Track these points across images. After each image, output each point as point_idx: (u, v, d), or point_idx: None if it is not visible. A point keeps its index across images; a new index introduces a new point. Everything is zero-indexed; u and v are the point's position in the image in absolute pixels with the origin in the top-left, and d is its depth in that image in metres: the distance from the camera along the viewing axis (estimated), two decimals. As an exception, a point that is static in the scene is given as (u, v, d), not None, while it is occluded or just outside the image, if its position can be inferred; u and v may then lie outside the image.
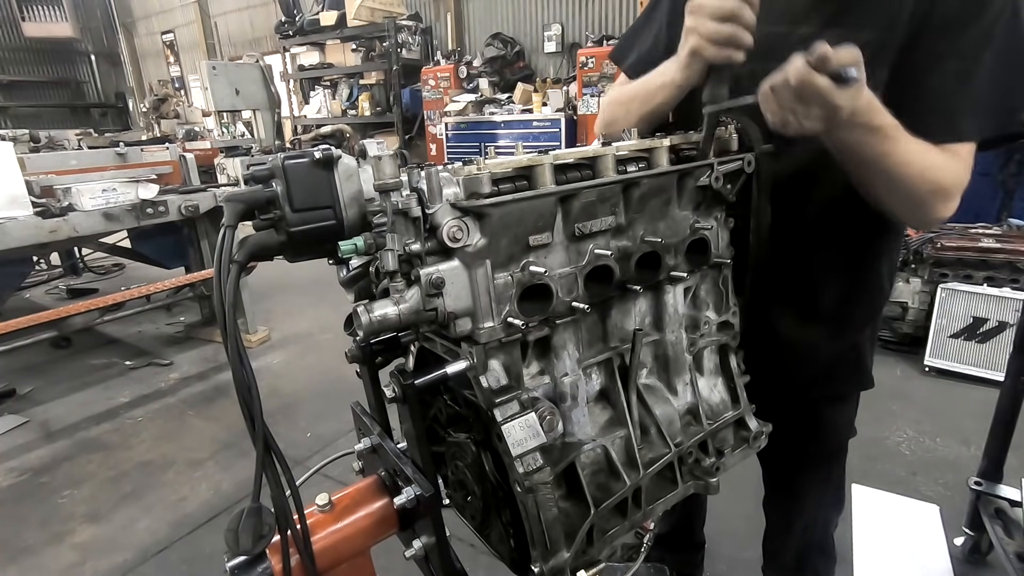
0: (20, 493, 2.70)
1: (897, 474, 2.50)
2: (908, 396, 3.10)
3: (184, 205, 3.66)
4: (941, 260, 3.33)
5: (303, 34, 9.50)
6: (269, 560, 0.76)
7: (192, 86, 12.76)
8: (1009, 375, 1.91)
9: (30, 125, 7.52)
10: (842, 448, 1.33)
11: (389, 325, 0.70)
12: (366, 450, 0.98)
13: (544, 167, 0.75)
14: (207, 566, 2.17)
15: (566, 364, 0.84)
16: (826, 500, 1.39)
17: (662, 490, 0.94)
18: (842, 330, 1.15)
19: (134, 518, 2.48)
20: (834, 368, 1.19)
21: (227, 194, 0.75)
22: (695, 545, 1.92)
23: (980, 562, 2.02)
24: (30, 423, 3.32)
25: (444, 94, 8.01)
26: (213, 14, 12.20)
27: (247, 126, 7.69)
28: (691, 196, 0.93)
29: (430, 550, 0.84)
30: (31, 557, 2.28)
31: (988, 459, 1.99)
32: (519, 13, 8.11)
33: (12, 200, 2.96)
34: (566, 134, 6.81)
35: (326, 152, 0.74)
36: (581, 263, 0.82)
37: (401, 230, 0.71)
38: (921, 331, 3.41)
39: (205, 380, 3.79)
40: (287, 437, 2.97)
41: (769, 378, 1.09)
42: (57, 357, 4.23)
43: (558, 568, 0.78)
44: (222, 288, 0.68)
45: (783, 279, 1.09)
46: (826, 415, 1.25)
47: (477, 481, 0.85)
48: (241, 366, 0.68)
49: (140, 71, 14.21)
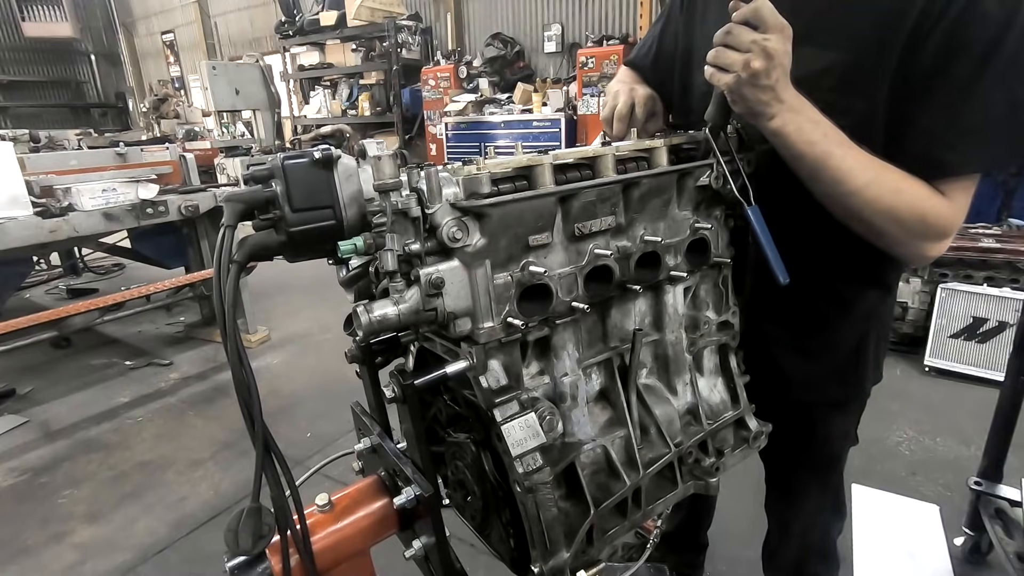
0: (20, 493, 2.70)
1: (897, 474, 2.50)
2: (908, 396, 3.10)
3: (184, 205, 3.66)
4: (941, 260, 3.32)
5: (303, 34, 9.50)
6: (269, 560, 0.76)
7: (192, 86, 12.75)
8: (1009, 375, 1.91)
9: (30, 125, 7.53)
10: (837, 456, 1.30)
11: (389, 325, 0.70)
12: (366, 450, 0.98)
13: (544, 167, 0.75)
14: (207, 566, 2.17)
15: (566, 364, 0.84)
16: (824, 506, 1.37)
17: (662, 490, 0.94)
18: (837, 334, 1.13)
19: (134, 518, 2.48)
20: (830, 373, 1.16)
21: (227, 194, 0.75)
22: (698, 546, 1.92)
23: (980, 562, 2.02)
24: (30, 423, 3.32)
25: (444, 94, 8.01)
26: (213, 14, 12.19)
27: (247, 126, 7.69)
28: (691, 196, 0.93)
29: (430, 550, 0.84)
30: (31, 557, 2.28)
31: (988, 459, 1.99)
32: (519, 13, 8.11)
33: (12, 200, 2.96)
34: (566, 134, 6.80)
35: (326, 152, 0.74)
36: (581, 263, 0.82)
37: (401, 230, 0.71)
38: (921, 331, 3.41)
39: (205, 380, 3.79)
40: (287, 437, 2.97)
41: (765, 379, 1.09)
42: (57, 357, 4.23)
43: (558, 568, 0.78)
44: (222, 288, 0.69)
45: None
46: (821, 421, 1.22)
47: (477, 481, 0.85)
48: (241, 366, 0.68)
49: (140, 71, 14.19)
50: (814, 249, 1.00)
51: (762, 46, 0.79)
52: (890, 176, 0.87)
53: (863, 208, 0.88)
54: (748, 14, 0.80)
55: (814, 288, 1.08)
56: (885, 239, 0.92)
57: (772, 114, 0.84)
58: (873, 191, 0.86)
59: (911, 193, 0.87)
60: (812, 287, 1.08)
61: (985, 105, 0.83)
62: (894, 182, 0.87)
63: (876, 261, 1.09)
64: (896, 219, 0.88)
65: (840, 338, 1.13)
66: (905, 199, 0.87)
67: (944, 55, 0.83)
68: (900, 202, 0.87)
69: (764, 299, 1.11)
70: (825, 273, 1.06)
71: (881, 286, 1.13)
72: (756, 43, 0.79)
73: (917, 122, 0.87)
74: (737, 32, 0.81)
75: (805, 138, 0.85)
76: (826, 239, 1.01)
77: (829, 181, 0.87)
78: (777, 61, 0.80)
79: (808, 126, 0.85)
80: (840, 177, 0.86)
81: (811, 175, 0.88)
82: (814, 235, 0.99)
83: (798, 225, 0.94)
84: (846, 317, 1.11)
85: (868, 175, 0.86)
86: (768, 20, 0.80)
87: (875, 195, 0.86)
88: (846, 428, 1.27)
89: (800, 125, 0.84)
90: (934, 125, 0.86)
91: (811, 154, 0.85)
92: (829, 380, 1.17)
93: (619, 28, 7.16)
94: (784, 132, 0.85)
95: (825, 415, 1.22)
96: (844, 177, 0.86)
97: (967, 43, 0.82)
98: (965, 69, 0.82)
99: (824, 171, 0.86)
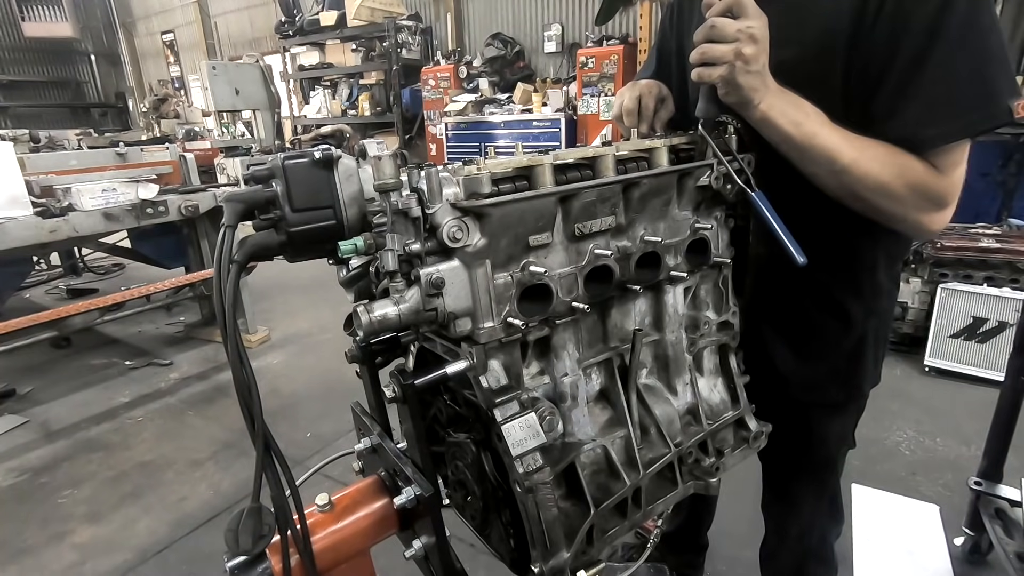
0: (20, 493, 2.70)
1: (897, 474, 2.50)
2: (908, 396, 3.10)
3: (184, 205, 3.66)
4: (941, 260, 3.32)
5: (303, 34, 9.49)
6: (269, 560, 0.76)
7: (192, 86, 12.74)
8: (1009, 375, 1.91)
9: (30, 125, 7.54)
10: (834, 459, 1.29)
11: (389, 325, 0.70)
12: (366, 450, 0.98)
13: (544, 167, 0.75)
14: (207, 566, 2.17)
15: (566, 364, 0.84)
16: (821, 509, 1.36)
17: (662, 490, 0.94)
18: (836, 335, 1.13)
19: (134, 518, 2.48)
20: (828, 375, 1.16)
21: (227, 194, 0.75)
22: (698, 547, 1.92)
23: (980, 562, 2.02)
24: (30, 423, 3.32)
25: (444, 94, 8.00)
26: (213, 14, 12.18)
27: (247, 126, 7.69)
28: (691, 196, 0.93)
29: (430, 550, 0.84)
30: (31, 557, 2.28)
31: (988, 459, 1.99)
32: (519, 13, 8.10)
33: (12, 200, 2.96)
34: (566, 134, 6.80)
35: (326, 152, 0.74)
36: (581, 263, 0.82)
37: (401, 230, 0.71)
38: (921, 331, 3.41)
39: (205, 380, 3.79)
40: (287, 437, 2.97)
41: (763, 380, 1.09)
42: (57, 357, 4.23)
43: (558, 568, 0.78)
44: (222, 288, 0.69)
45: (777, 280, 1.08)
46: (818, 423, 1.21)
47: (477, 481, 0.85)
48: (241, 366, 0.68)
49: (140, 71, 14.19)
50: (813, 251, 1.00)
51: (748, 32, 0.82)
52: (877, 150, 0.88)
53: (855, 184, 0.89)
54: (730, 4, 0.83)
55: (813, 289, 1.08)
56: (883, 214, 0.93)
57: (759, 99, 0.86)
58: (863, 166, 0.88)
59: (900, 164, 0.88)
60: (811, 288, 1.08)
61: (944, 77, 0.84)
62: (881, 156, 0.88)
63: (876, 262, 1.09)
64: (888, 192, 0.89)
65: (839, 339, 1.13)
66: (894, 171, 0.88)
67: (893, 40, 0.86)
68: (890, 174, 0.88)
69: (764, 300, 1.11)
70: (825, 275, 1.06)
71: (880, 287, 1.12)
72: (742, 31, 0.82)
73: (891, 107, 0.89)
74: (721, 24, 0.83)
75: (790, 119, 0.87)
76: (826, 240, 1.01)
77: (819, 160, 0.89)
78: (763, 46, 0.83)
79: (791, 108, 0.88)
80: (828, 155, 0.88)
81: (800, 156, 0.90)
82: (813, 236, 0.98)
83: (796, 228, 0.94)
84: (845, 319, 1.11)
85: (855, 151, 0.88)
86: (749, 8, 0.82)
87: (865, 170, 0.88)
88: (844, 430, 1.26)
89: (784, 108, 0.87)
90: (905, 106, 0.87)
91: (798, 135, 0.87)
92: (828, 381, 1.17)
93: (619, 28, 7.15)
94: (771, 115, 0.87)
95: (823, 417, 1.21)
96: (832, 155, 0.88)
97: (910, 23, 0.84)
98: (915, 47, 0.84)
99: (811, 150, 0.88)
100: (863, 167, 0.88)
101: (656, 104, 1.14)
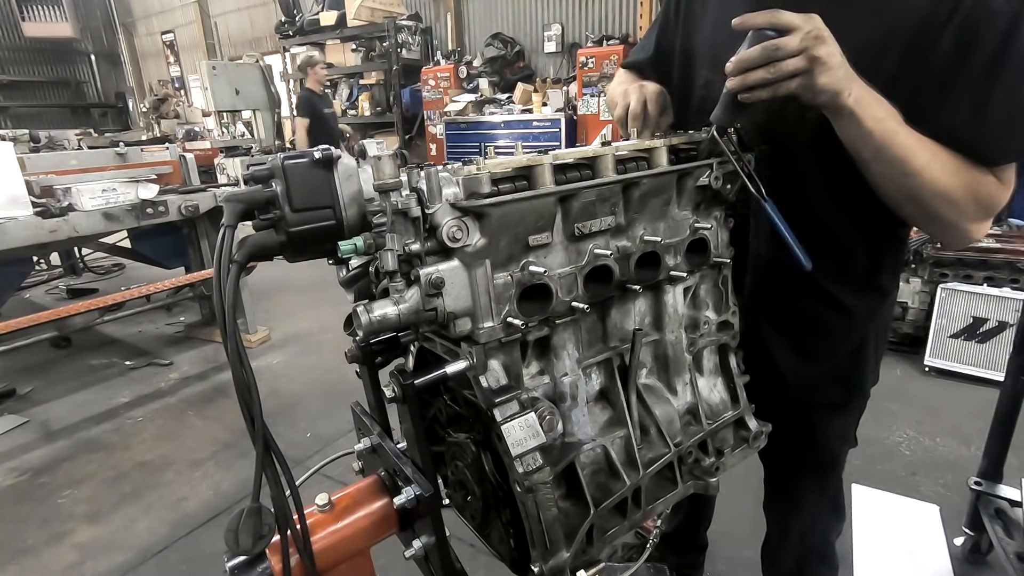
0: (20, 493, 2.70)
1: (897, 474, 2.50)
2: (908, 396, 3.10)
3: (184, 205, 3.66)
4: (941, 260, 3.32)
5: (303, 34, 9.48)
6: (269, 560, 0.76)
7: (192, 86, 12.75)
8: (1009, 375, 1.91)
9: (30, 125, 7.54)
10: (836, 458, 1.30)
11: (389, 325, 0.70)
12: (366, 450, 0.98)
13: (544, 167, 0.75)
14: (207, 566, 2.17)
15: (566, 364, 0.84)
16: (823, 508, 1.37)
17: (662, 490, 0.94)
18: (837, 336, 1.13)
19: (134, 518, 2.48)
20: (830, 375, 1.16)
21: (227, 194, 0.75)
22: (698, 547, 1.92)
23: (980, 562, 2.01)
24: (30, 423, 3.32)
25: (444, 94, 8.00)
26: (213, 14, 12.18)
27: (247, 126, 7.70)
28: (691, 196, 0.93)
29: (430, 550, 0.84)
30: (31, 557, 2.28)
31: (988, 459, 1.99)
32: (519, 13, 8.11)
33: (12, 200, 2.96)
34: (566, 134, 6.80)
35: (326, 152, 0.74)
36: (581, 263, 0.82)
37: (401, 230, 0.71)
38: (921, 331, 3.41)
39: (205, 380, 3.79)
40: (287, 437, 2.97)
41: (764, 380, 1.09)
42: (57, 357, 4.23)
43: (558, 568, 0.78)
44: (222, 288, 0.68)
45: (778, 280, 1.08)
46: (820, 422, 1.21)
47: (477, 481, 0.85)
48: (241, 366, 0.68)
49: (140, 71, 14.19)
50: (814, 252, 1.00)
51: (814, 35, 0.78)
52: (947, 157, 0.85)
53: (921, 188, 0.86)
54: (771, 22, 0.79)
55: (814, 291, 1.08)
56: (937, 219, 0.91)
57: (849, 90, 0.80)
58: (935, 172, 0.84)
59: (967, 174, 0.86)
60: (812, 290, 1.08)
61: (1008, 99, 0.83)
62: (952, 164, 0.85)
63: (876, 265, 1.09)
64: (952, 200, 0.86)
65: (840, 340, 1.13)
66: (965, 180, 0.86)
67: (957, 56, 0.83)
68: (959, 183, 0.85)
69: (764, 300, 1.11)
70: (825, 276, 1.06)
71: (881, 289, 1.12)
72: (803, 39, 0.78)
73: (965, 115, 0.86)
74: (783, 43, 0.78)
75: (873, 113, 0.82)
76: (826, 242, 1.01)
77: (893, 161, 0.85)
78: (832, 40, 0.79)
79: (875, 103, 0.82)
80: (904, 156, 0.84)
81: (876, 154, 0.85)
82: (813, 238, 0.99)
83: (797, 229, 0.94)
84: (846, 320, 1.11)
85: (928, 155, 0.84)
86: (792, 19, 0.78)
87: (936, 176, 0.85)
88: (845, 430, 1.26)
89: (869, 101, 0.82)
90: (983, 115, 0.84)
91: (879, 131, 0.82)
92: (829, 382, 1.17)
93: (619, 28, 7.16)
94: (858, 109, 0.81)
95: (824, 416, 1.21)
96: (908, 156, 0.83)
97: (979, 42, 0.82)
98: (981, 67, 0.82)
99: (889, 149, 0.84)
100: (934, 173, 0.85)
101: (659, 113, 1.12)
